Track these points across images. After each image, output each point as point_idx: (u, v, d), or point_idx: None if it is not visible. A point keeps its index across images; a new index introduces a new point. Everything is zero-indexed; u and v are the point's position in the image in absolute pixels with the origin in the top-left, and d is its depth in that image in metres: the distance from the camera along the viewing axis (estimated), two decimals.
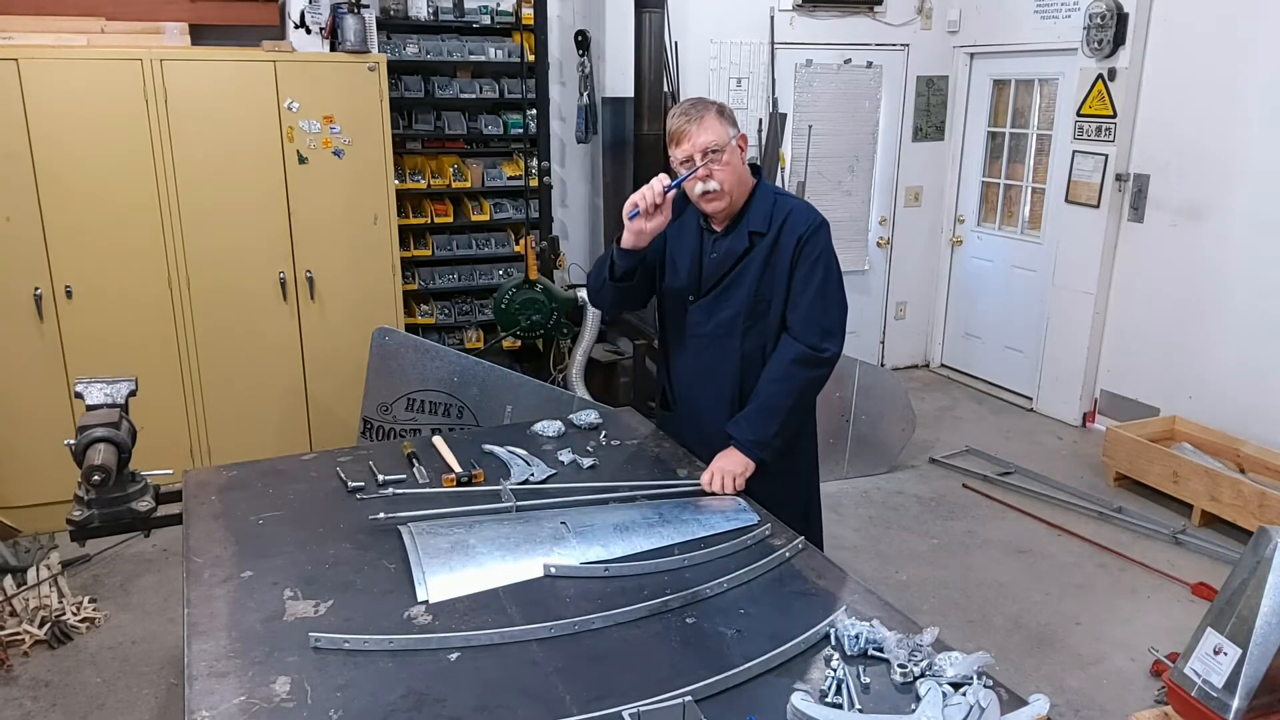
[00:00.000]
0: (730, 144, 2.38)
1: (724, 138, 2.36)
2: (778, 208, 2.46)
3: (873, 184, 6.66)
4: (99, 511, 2.54)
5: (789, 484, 2.58)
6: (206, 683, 1.64)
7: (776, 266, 2.44)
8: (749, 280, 2.45)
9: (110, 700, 3.19)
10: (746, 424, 2.43)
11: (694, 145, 2.35)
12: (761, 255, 2.44)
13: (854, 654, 1.71)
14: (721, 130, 2.37)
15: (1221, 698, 1.60)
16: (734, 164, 2.40)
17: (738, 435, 2.43)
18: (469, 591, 1.93)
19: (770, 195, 2.49)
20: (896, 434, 5.09)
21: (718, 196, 2.40)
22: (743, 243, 2.45)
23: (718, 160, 2.36)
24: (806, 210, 2.49)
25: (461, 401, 4.20)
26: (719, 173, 2.37)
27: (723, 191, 2.39)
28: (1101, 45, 5.27)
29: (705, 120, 2.36)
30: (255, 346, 4.49)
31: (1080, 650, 3.52)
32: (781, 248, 2.43)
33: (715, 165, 2.37)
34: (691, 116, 2.36)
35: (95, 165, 4.08)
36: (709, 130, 2.35)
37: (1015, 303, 6.28)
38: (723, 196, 2.40)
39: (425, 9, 5.30)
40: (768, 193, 2.49)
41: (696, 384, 2.61)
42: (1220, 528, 4.42)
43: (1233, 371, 4.90)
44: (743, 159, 2.44)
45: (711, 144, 2.35)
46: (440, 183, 5.47)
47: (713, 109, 2.39)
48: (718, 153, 2.36)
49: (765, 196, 2.47)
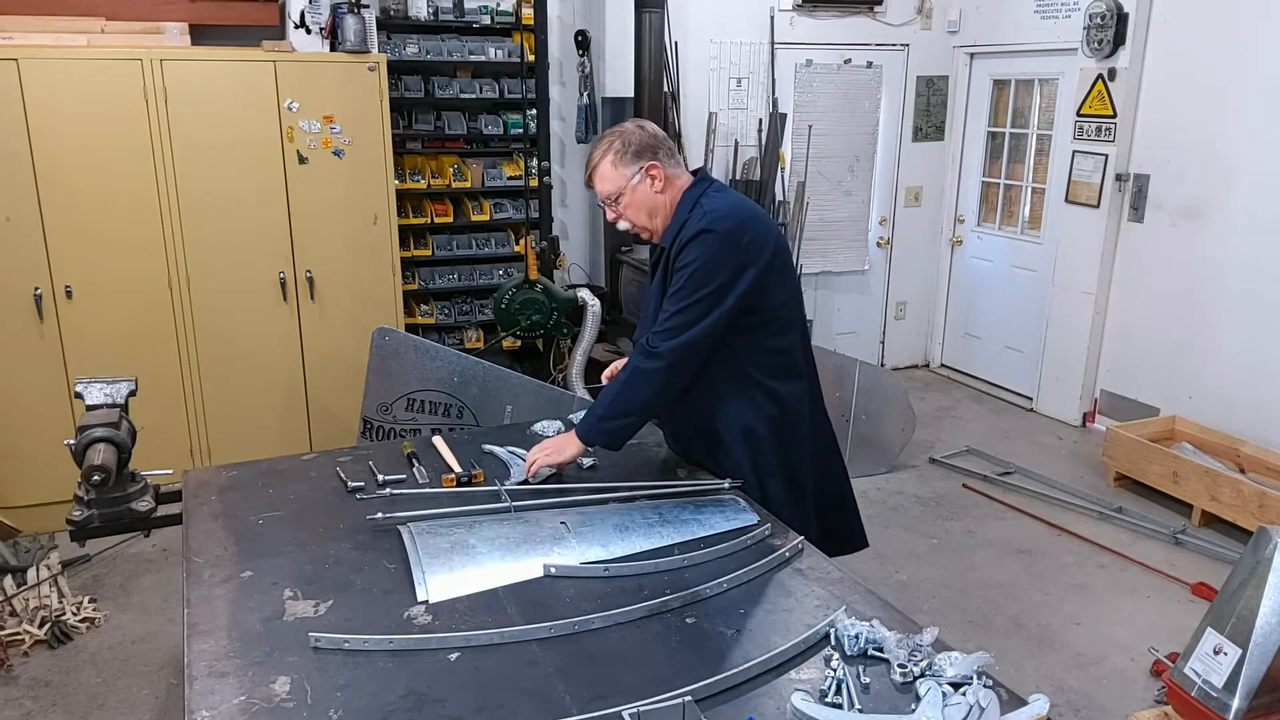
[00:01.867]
0: (630, 184, 2.37)
1: (619, 184, 2.38)
2: (692, 216, 2.35)
3: (873, 184, 6.66)
4: (99, 511, 2.54)
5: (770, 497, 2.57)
6: (206, 683, 1.64)
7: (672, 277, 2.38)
8: (653, 296, 2.48)
9: (110, 700, 3.19)
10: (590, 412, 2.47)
11: (598, 193, 2.45)
12: (664, 269, 2.43)
13: (854, 654, 1.71)
14: (616, 177, 2.38)
15: (1221, 698, 1.60)
16: (638, 201, 2.40)
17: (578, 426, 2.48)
18: (469, 591, 1.93)
19: (688, 205, 2.38)
20: (896, 434, 5.09)
21: (637, 229, 2.47)
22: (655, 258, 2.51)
23: (618, 204, 2.42)
24: (700, 217, 2.33)
25: (461, 401, 4.20)
26: (626, 213, 2.43)
27: (636, 227, 2.46)
28: (1101, 45, 5.27)
29: (600, 170, 2.41)
30: (255, 346, 4.49)
31: (1080, 650, 3.52)
32: (674, 257, 2.38)
33: (619, 208, 2.42)
34: (590, 165, 2.43)
35: (95, 165, 4.08)
36: (603, 180, 2.41)
37: (1015, 303, 6.28)
38: (641, 229, 2.46)
39: (425, 9, 5.30)
40: (686, 203, 2.39)
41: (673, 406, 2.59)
42: (1220, 528, 4.42)
43: (1233, 371, 4.90)
44: (652, 187, 2.38)
45: (608, 194, 2.42)
46: (440, 183, 5.48)
47: (609, 154, 2.38)
48: (617, 199, 2.41)
49: (682, 209, 2.39)
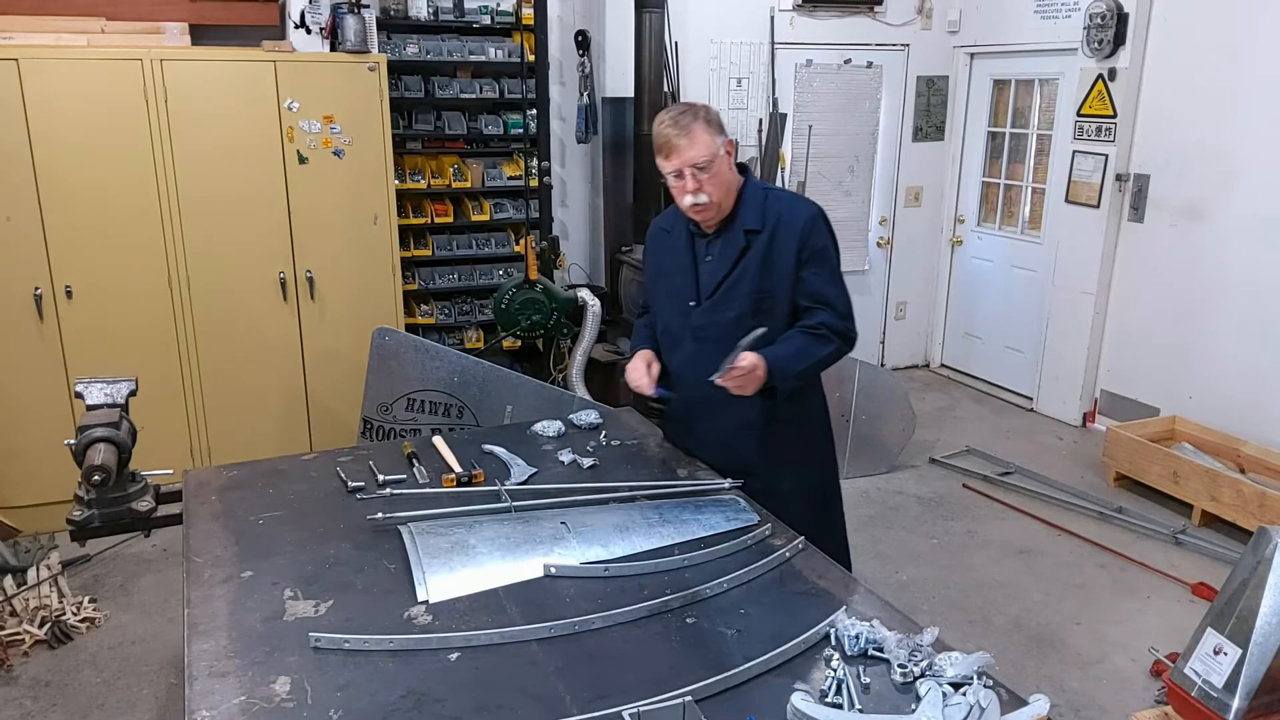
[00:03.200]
0: (719, 155, 2.34)
1: (712, 150, 2.32)
2: (769, 203, 2.43)
3: (873, 184, 6.65)
4: (99, 511, 2.54)
5: (807, 474, 2.61)
6: (206, 683, 1.64)
7: (777, 262, 2.40)
8: (749, 279, 2.41)
9: (110, 700, 3.19)
10: (776, 352, 2.36)
11: (683, 160, 2.31)
12: (759, 253, 2.40)
13: (854, 654, 1.71)
14: (710, 143, 2.32)
15: (1221, 698, 1.60)
16: (721, 174, 2.36)
17: (769, 355, 2.34)
18: (469, 591, 1.93)
19: (760, 192, 2.45)
20: (896, 434, 5.09)
21: (706, 208, 2.38)
22: (739, 242, 2.42)
23: (706, 174, 2.32)
24: (800, 202, 2.47)
25: (461, 401, 4.20)
26: (708, 185, 2.34)
27: (711, 203, 2.37)
28: (1101, 45, 5.27)
29: (693, 133, 2.30)
30: (255, 346, 4.49)
31: (1080, 650, 3.52)
32: (779, 243, 2.39)
33: (703, 178, 2.32)
34: (679, 129, 2.31)
35: (95, 165, 4.08)
36: (697, 145, 2.30)
37: (1015, 303, 6.27)
38: (711, 207, 2.38)
39: (425, 9, 5.30)
40: (757, 190, 2.45)
41: (703, 387, 2.53)
42: (1220, 528, 4.42)
43: (1233, 371, 4.90)
44: (730, 164, 2.39)
45: (700, 159, 2.30)
46: (440, 183, 5.47)
47: (699, 119, 2.33)
48: (706, 167, 2.32)
49: (755, 194, 2.44)
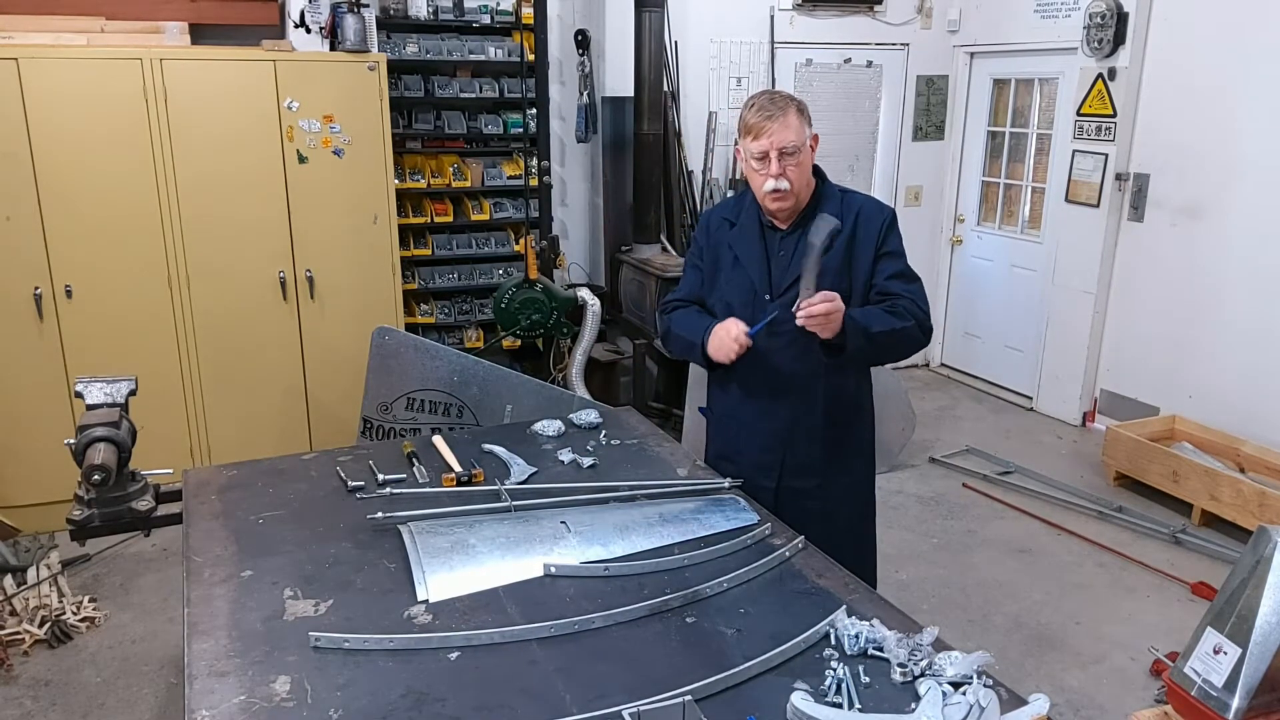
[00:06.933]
0: (806, 144, 2.36)
1: (802, 138, 2.34)
2: (846, 203, 2.46)
3: (873, 183, 6.65)
4: (99, 511, 2.54)
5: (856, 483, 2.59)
6: (206, 682, 1.64)
7: (858, 260, 2.43)
8: (829, 275, 2.37)
9: (110, 700, 3.19)
10: (854, 310, 2.33)
11: (772, 143, 2.31)
12: (840, 250, 2.41)
13: (854, 654, 1.71)
14: (801, 130, 2.34)
15: (1221, 697, 1.59)
16: (805, 164, 2.38)
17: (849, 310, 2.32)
18: (469, 591, 1.93)
19: (837, 192, 2.49)
20: (896, 433, 5.09)
21: (786, 196, 2.37)
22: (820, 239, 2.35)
23: (793, 160, 2.34)
24: (878, 203, 2.52)
25: (461, 401, 4.20)
26: (791, 172, 2.34)
27: (791, 191, 2.37)
28: (1101, 45, 5.27)
29: (787, 118, 2.32)
30: (255, 346, 4.49)
31: (1080, 650, 3.52)
32: (860, 241, 2.43)
33: (789, 164, 2.34)
34: (773, 113, 2.32)
35: (95, 165, 4.07)
36: (790, 129, 2.31)
37: (1015, 302, 6.27)
38: (790, 196, 2.38)
39: (425, 8, 5.29)
40: (834, 190, 2.49)
41: (774, 380, 2.50)
42: (1220, 527, 4.42)
43: (1233, 371, 4.90)
44: (812, 158, 2.42)
45: (790, 144, 2.31)
46: (440, 182, 5.47)
47: (793, 106, 2.35)
48: (794, 153, 2.33)
49: (833, 194, 2.48)
